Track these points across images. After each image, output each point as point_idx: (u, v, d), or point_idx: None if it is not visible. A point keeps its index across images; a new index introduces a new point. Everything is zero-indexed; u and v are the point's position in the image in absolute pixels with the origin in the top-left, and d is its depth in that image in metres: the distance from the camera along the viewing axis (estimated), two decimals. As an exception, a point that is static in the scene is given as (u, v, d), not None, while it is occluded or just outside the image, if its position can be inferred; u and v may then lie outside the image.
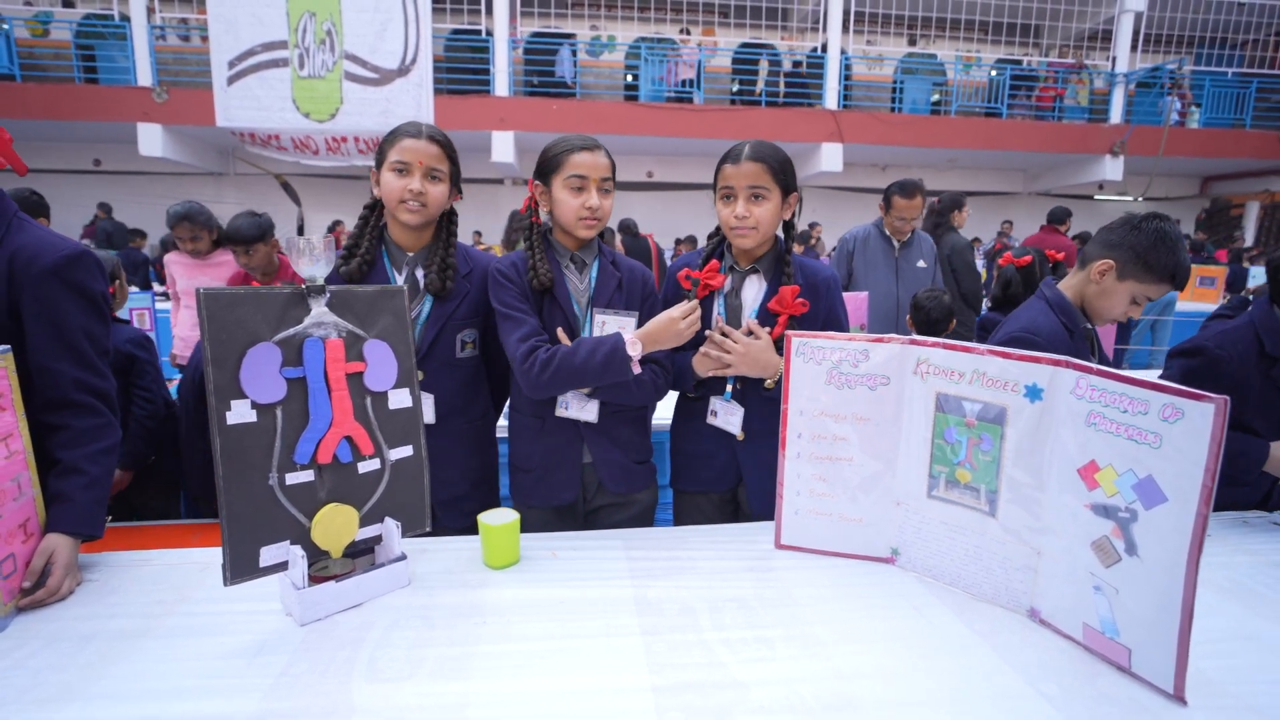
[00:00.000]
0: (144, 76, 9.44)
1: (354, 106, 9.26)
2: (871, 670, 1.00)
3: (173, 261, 3.41)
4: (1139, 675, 0.97)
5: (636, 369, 1.50)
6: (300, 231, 11.85)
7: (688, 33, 12.15)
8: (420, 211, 1.57)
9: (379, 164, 1.59)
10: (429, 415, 1.60)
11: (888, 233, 3.69)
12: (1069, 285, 1.66)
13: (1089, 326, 1.65)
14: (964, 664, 1.02)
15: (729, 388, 1.64)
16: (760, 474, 1.64)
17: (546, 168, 1.58)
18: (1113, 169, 11.22)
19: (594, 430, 1.61)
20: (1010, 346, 1.46)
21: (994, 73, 11.67)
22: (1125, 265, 1.54)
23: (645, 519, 1.71)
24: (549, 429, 1.62)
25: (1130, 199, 13.65)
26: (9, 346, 1.16)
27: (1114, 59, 11.38)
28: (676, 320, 1.49)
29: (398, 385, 1.25)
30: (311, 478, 1.15)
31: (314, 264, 1.17)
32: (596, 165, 1.54)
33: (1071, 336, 1.57)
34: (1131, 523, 0.96)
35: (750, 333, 1.57)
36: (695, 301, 1.53)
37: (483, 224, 11.91)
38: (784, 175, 1.57)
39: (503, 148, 10.00)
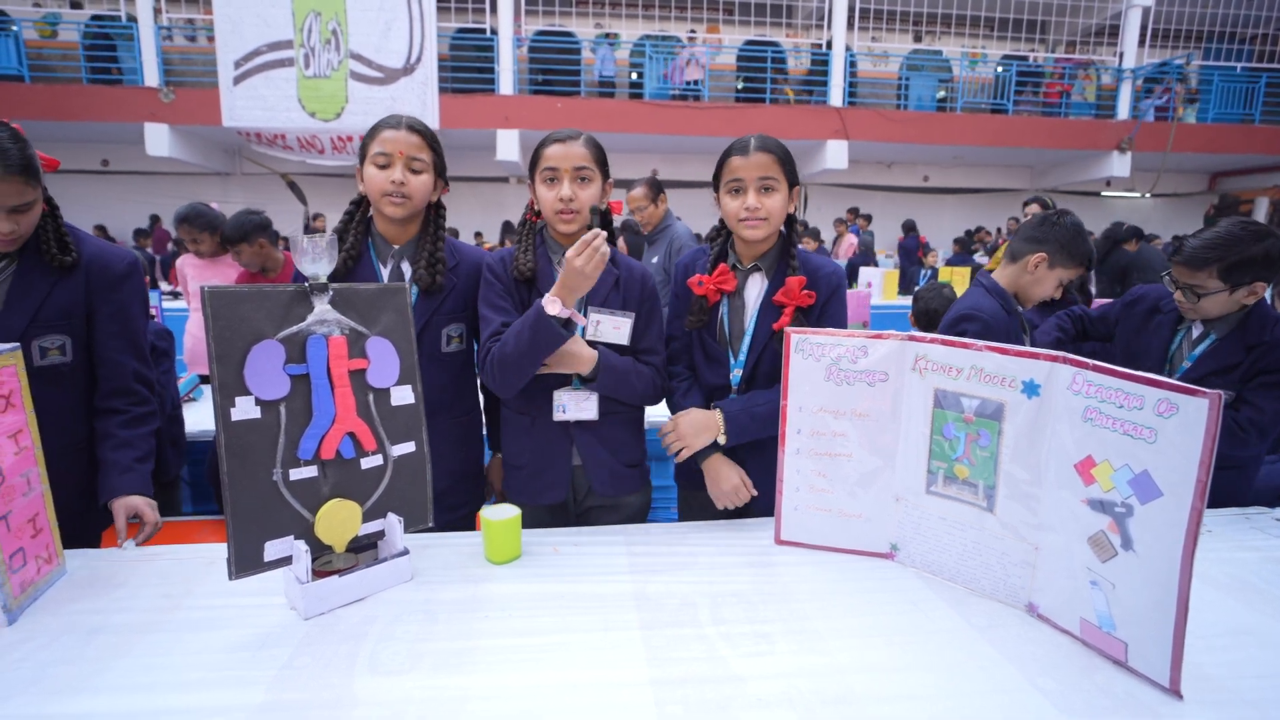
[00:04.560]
0: (151, 77, 9.49)
1: (359, 106, 9.27)
2: (870, 664, 1.01)
3: (185, 263, 3.46)
4: (1135, 670, 0.97)
5: (570, 315, 1.42)
6: (306, 231, 11.91)
7: (694, 34, 12.12)
8: (403, 204, 1.56)
9: (362, 159, 1.59)
10: None
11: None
12: (1003, 276, 1.90)
13: (1020, 310, 1.91)
14: (962, 658, 1.02)
15: (734, 390, 1.64)
16: (762, 471, 1.64)
17: (530, 165, 1.59)
18: (1120, 165, 11.15)
19: (584, 431, 1.60)
20: (957, 324, 1.71)
21: (1000, 69, 11.60)
22: (1054, 255, 1.82)
23: (637, 522, 1.69)
24: (538, 427, 1.61)
25: (1138, 195, 13.58)
26: (18, 345, 1.18)
27: (1121, 54, 11.30)
28: (573, 260, 1.39)
29: (400, 382, 1.26)
30: (315, 473, 1.16)
31: (316, 262, 1.19)
32: (569, 155, 1.52)
33: (1009, 316, 1.83)
34: (1127, 518, 0.96)
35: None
36: (591, 232, 1.40)
37: (487, 224, 11.93)
38: (789, 167, 1.56)
39: (507, 146, 10.01)
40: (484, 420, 1.84)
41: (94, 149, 11.55)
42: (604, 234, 1.40)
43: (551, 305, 1.40)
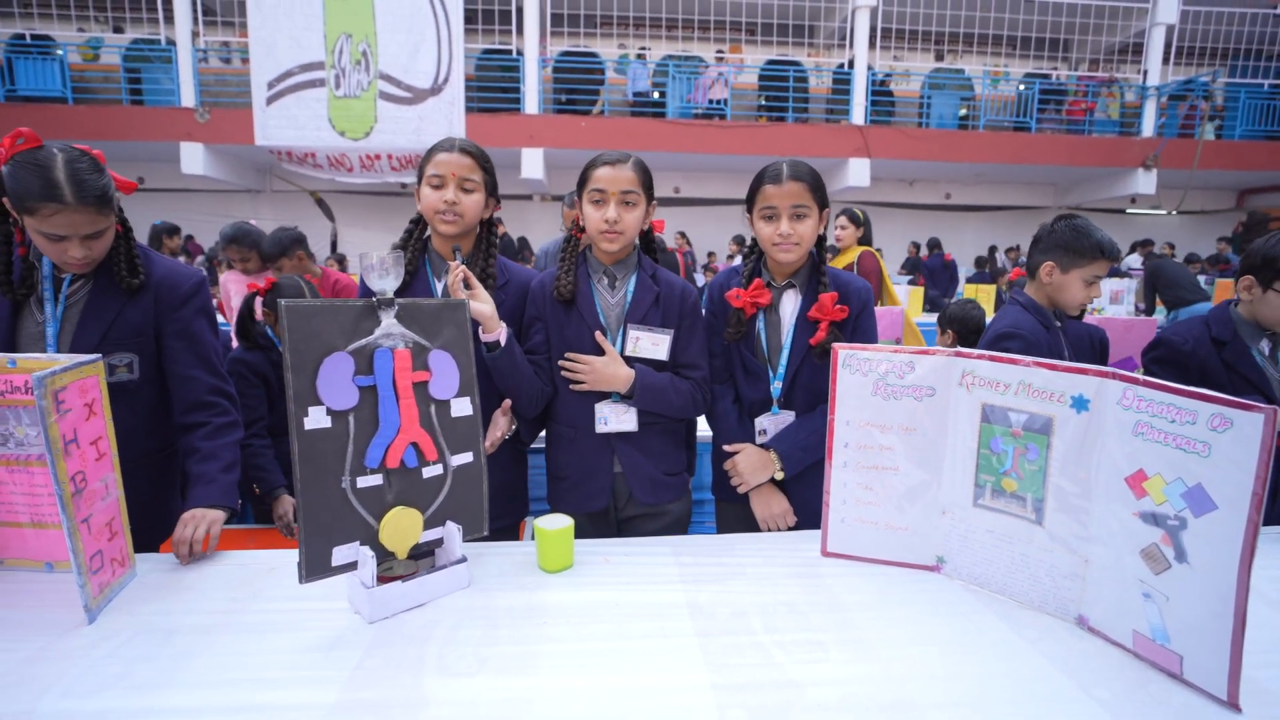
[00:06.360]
0: (187, 98, 9.78)
1: (388, 125, 9.50)
2: (923, 673, 1.03)
3: (228, 280, 3.57)
4: (1191, 682, 0.98)
5: (495, 336, 1.54)
6: (333, 247, 12.14)
7: (722, 54, 12.26)
8: (456, 222, 1.63)
9: (419, 180, 1.67)
10: None
11: None
12: (1033, 292, 1.92)
13: (1059, 325, 1.89)
14: (1014, 669, 1.04)
15: (775, 403, 1.68)
16: (801, 485, 1.67)
17: (579, 184, 1.66)
18: (1145, 182, 11.08)
19: (625, 441, 1.66)
20: (998, 342, 1.74)
21: (1022, 87, 11.61)
22: (1061, 260, 1.82)
23: (678, 529, 1.74)
24: (580, 438, 1.67)
25: (1164, 213, 13.44)
26: (100, 356, 1.24)
27: (1145, 72, 11.26)
28: (459, 290, 1.52)
29: (459, 394, 1.31)
30: (380, 481, 1.21)
31: (383, 278, 1.24)
32: (616, 179, 1.59)
33: (1048, 331, 1.83)
34: (1181, 530, 0.98)
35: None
36: (453, 264, 1.56)
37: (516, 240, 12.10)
38: (820, 193, 1.63)
39: (532, 164, 10.18)
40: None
41: (131, 167, 11.88)
42: (462, 268, 1.54)
43: (485, 334, 1.54)
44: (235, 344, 3.47)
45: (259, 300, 2.33)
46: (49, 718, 0.92)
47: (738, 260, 1.86)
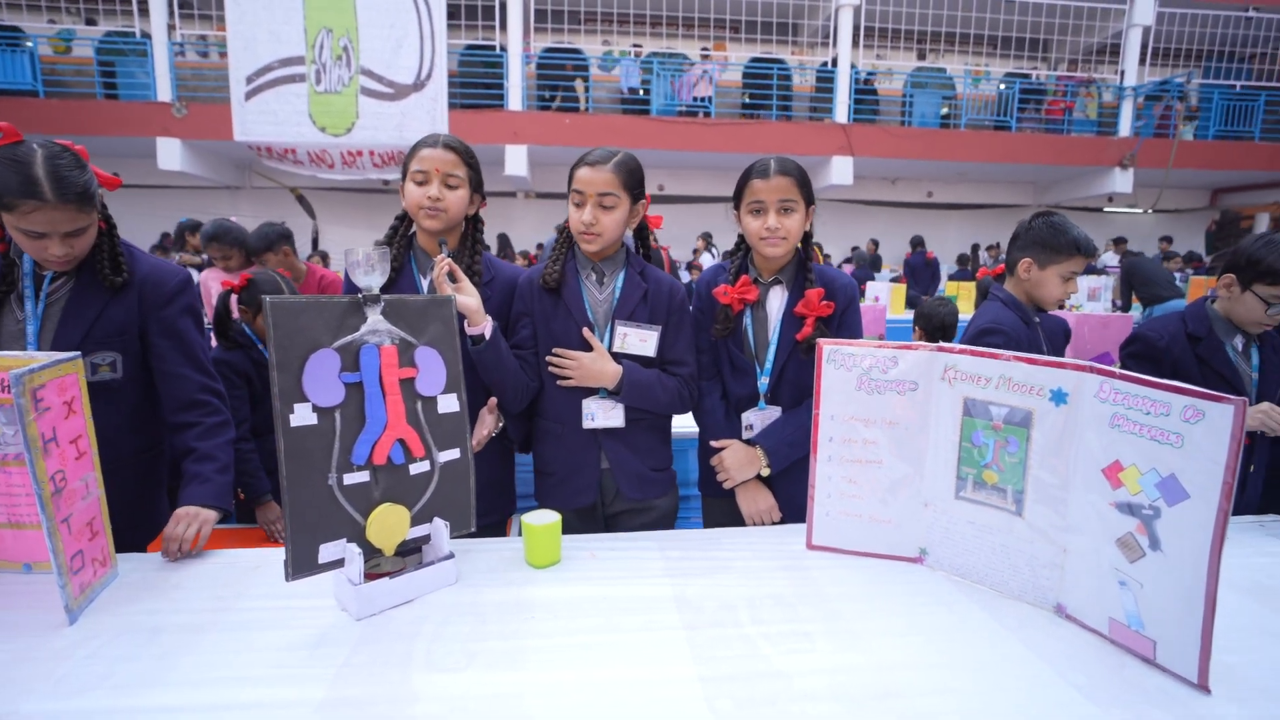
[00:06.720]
0: (164, 92, 9.62)
1: (370, 121, 9.41)
2: (907, 662, 1.04)
3: (208, 278, 3.52)
4: (1164, 666, 1.01)
5: (481, 330, 1.54)
6: (315, 244, 12.02)
7: (708, 51, 12.28)
8: (439, 217, 1.62)
9: (403, 177, 1.66)
10: None
11: None
12: (1011, 288, 1.94)
13: (1036, 320, 1.91)
14: (995, 656, 1.06)
15: (762, 398, 1.70)
16: (787, 481, 1.69)
17: (568, 180, 1.65)
18: (1122, 181, 11.26)
19: (612, 437, 1.67)
20: (981, 338, 1.76)
21: (1003, 86, 11.74)
22: (1038, 256, 1.84)
23: (665, 524, 1.75)
24: (568, 434, 1.68)
25: (1140, 211, 13.67)
26: (80, 354, 1.23)
27: (1122, 72, 11.44)
28: (444, 284, 1.51)
29: (446, 390, 1.31)
30: (367, 478, 1.21)
31: (369, 275, 1.24)
32: (593, 181, 1.58)
33: (1028, 326, 1.86)
34: (1155, 519, 1.00)
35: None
36: (439, 258, 1.53)
37: (494, 238, 12.04)
38: (807, 189, 1.65)
39: (516, 161, 10.13)
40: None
41: (106, 163, 11.52)
42: (448, 261, 1.52)
43: (472, 327, 1.54)
44: (214, 343, 3.45)
45: (234, 298, 2.31)
46: (32, 718, 0.91)
47: (705, 256, 1.87)
